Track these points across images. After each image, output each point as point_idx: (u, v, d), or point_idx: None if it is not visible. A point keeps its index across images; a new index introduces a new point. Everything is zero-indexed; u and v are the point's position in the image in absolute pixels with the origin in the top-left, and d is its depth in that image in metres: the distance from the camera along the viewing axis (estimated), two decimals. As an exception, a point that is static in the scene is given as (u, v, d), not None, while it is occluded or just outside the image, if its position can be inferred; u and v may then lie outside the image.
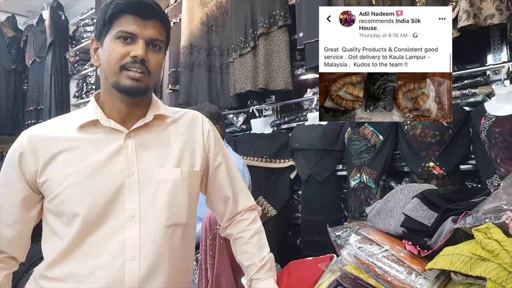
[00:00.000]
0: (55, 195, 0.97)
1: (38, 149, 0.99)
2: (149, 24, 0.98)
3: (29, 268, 2.12)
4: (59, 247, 0.97)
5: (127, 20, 0.96)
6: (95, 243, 0.96)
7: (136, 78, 0.97)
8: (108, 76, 1.00)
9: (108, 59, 0.97)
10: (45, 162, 0.98)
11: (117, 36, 0.97)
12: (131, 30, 0.96)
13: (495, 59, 2.07)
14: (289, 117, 2.80)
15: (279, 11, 2.60)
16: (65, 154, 0.99)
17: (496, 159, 1.75)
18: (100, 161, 0.99)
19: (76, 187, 0.97)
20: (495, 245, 0.93)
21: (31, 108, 4.74)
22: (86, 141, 1.01)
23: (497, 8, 1.83)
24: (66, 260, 0.96)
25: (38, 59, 4.72)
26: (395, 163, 2.20)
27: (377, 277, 1.15)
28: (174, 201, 1.04)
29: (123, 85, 0.98)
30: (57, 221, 0.99)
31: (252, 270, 1.17)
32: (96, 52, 1.04)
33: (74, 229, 0.95)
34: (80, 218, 0.95)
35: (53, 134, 1.01)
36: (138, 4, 0.97)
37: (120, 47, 0.96)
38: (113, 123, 1.02)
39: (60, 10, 4.68)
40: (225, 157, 1.21)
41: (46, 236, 1.02)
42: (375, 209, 1.32)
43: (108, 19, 0.97)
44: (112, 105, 1.04)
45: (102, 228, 0.97)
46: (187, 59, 2.98)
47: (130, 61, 0.96)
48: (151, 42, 0.99)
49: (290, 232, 2.74)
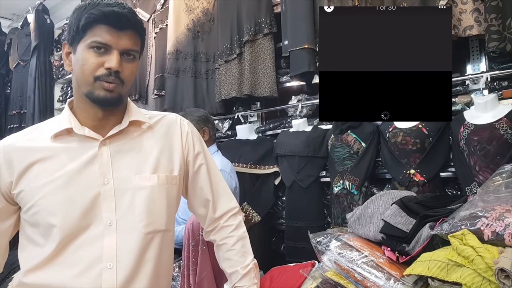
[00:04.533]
0: (30, 206, 0.96)
1: (13, 159, 0.98)
2: (123, 34, 0.97)
3: (8, 275, 2.08)
4: (38, 257, 0.96)
5: (101, 30, 0.95)
6: (72, 252, 0.95)
7: (110, 89, 0.96)
8: (81, 85, 0.98)
9: (82, 68, 0.96)
10: (20, 173, 0.97)
11: (90, 45, 0.95)
12: (105, 41, 0.95)
13: (474, 69, 2.12)
14: (274, 124, 2.82)
15: (264, 19, 2.62)
16: (40, 164, 0.98)
17: (475, 167, 1.79)
18: (75, 170, 0.98)
19: (51, 198, 0.96)
20: (470, 251, 0.96)
21: (14, 112, 4.64)
22: (61, 150, 1.00)
23: (476, 20, 1.88)
24: (44, 268, 0.95)
25: (22, 63, 4.65)
26: (377, 170, 2.23)
27: (357, 283, 1.16)
28: (152, 208, 1.03)
29: (97, 95, 0.97)
30: (34, 231, 0.98)
31: (235, 277, 1.16)
32: (68, 57, 1.02)
33: (52, 239, 0.95)
34: (56, 228, 0.94)
35: (28, 144, 1.00)
36: (113, 15, 0.95)
37: (94, 58, 0.95)
38: (87, 130, 1.01)
39: (46, 13, 4.62)
40: (206, 158, 1.20)
41: (23, 246, 1.01)
42: (355, 215, 1.33)
43: (81, 27, 0.95)
44: (86, 113, 1.02)
45: (79, 237, 0.96)
46: (173, 65, 2.97)
47: (105, 73, 0.95)
48: (125, 53, 0.98)
49: (274, 238, 2.74)
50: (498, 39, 1.80)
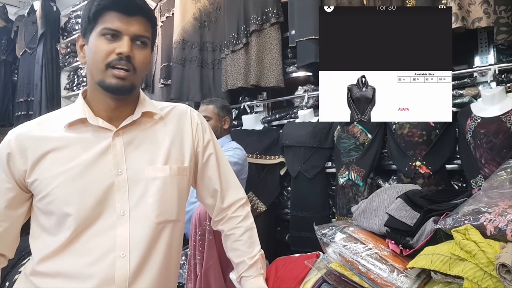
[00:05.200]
0: (45, 195, 0.98)
1: (27, 148, 0.99)
2: (133, 20, 0.97)
3: (18, 261, 2.12)
4: (52, 245, 0.97)
5: (111, 17, 0.96)
6: (86, 241, 0.97)
7: (121, 76, 0.97)
8: (93, 74, 0.99)
9: (93, 56, 0.97)
10: (34, 162, 0.98)
11: (101, 33, 0.96)
12: (115, 27, 0.96)
13: (482, 61, 2.10)
14: (280, 114, 2.82)
15: (271, 8, 2.60)
16: (54, 153, 0.99)
17: (481, 160, 1.79)
18: (89, 160, 1.00)
19: (65, 187, 0.97)
20: (472, 246, 0.97)
21: (21, 100, 4.67)
22: (74, 140, 1.01)
23: (485, 12, 1.86)
24: (58, 257, 0.97)
25: (29, 50, 4.66)
26: (383, 161, 2.23)
27: (361, 274, 1.18)
28: (164, 199, 1.05)
29: (109, 83, 0.97)
30: (48, 220, 0.99)
31: (242, 267, 1.18)
32: (82, 49, 1.03)
33: (67, 228, 0.96)
34: (71, 218, 0.96)
35: (41, 133, 1.01)
36: (122, 1, 0.96)
37: (105, 45, 0.96)
38: (101, 121, 1.02)
39: (52, 1, 4.62)
40: (215, 148, 1.20)
41: (36, 233, 1.03)
42: (360, 209, 1.35)
43: (92, 16, 0.96)
44: (99, 103, 1.03)
45: (93, 227, 0.98)
46: (179, 54, 2.97)
47: (116, 59, 0.96)
48: (136, 39, 0.99)
49: (279, 227, 2.77)
50: (507, 31, 1.79)
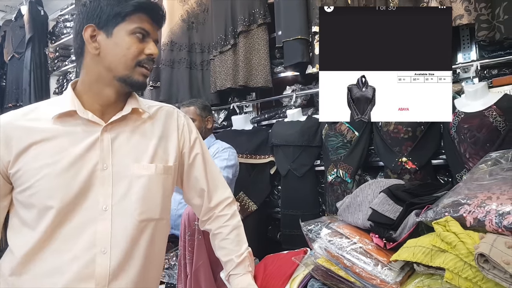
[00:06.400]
0: (27, 187, 0.96)
1: (12, 138, 0.97)
2: (155, 28, 1.07)
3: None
4: (32, 240, 0.96)
5: (141, 18, 1.01)
6: (66, 236, 0.97)
7: (147, 75, 1.04)
8: (115, 68, 1.01)
9: (124, 52, 1.00)
10: (18, 152, 0.97)
11: (134, 31, 1.01)
12: (148, 28, 1.03)
13: (464, 58, 2.14)
14: (269, 114, 2.84)
15: (258, 9, 2.62)
16: (40, 145, 0.98)
17: (465, 154, 1.82)
18: (75, 154, 0.99)
19: (49, 180, 0.96)
20: (452, 237, 0.99)
21: (10, 105, 4.64)
22: (62, 132, 1.00)
23: (466, 9, 1.89)
24: (39, 253, 0.96)
25: (17, 55, 4.63)
26: (370, 158, 2.26)
27: (346, 269, 1.20)
28: (148, 197, 1.05)
29: (136, 80, 1.03)
30: (28, 212, 0.98)
31: (230, 265, 1.20)
32: (93, 40, 1.01)
33: (46, 221, 0.95)
34: (53, 210, 0.95)
35: (28, 124, 0.99)
36: (156, 9, 1.05)
37: (137, 43, 1.01)
38: (90, 115, 1.02)
39: (39, 5, 4.60)
40: (201, 148, 1.22)
41: (15, 227, 1.01)
42: (344, 204, 1.37)
43: (124, 13, 1.00)
44: (97, 96, 1.04)
45: (73, 221, 0.97)
46: (167, 56, 2.98)
47: (146, 58, 1.03)
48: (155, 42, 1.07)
49: (270, 226, 2.79)
50: (488, 28, 1.82)
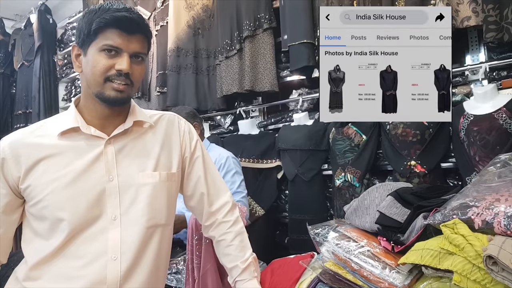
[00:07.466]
0: (38, 201, 1.00)
1: (21, 155, 1.01)
2: (133, 38, 1.02)
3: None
4: (45, 249, 1.00)
5: (112, 33, 0.99)
6: (79, 245, 1.01)
7: (120, 89, 1.01)
8: (91, 85, 1.03)
9: (92, 70, 1.01)
10: (28, 168, 1.01)
11: (102, 48, 1.00)
12: (117, 44, 1.00)
13: (473, 60, 2.12)
14: (275, 118, 2.84)
15: (264, 14, 2.63)
16: (47, 160, 1.02)
17: (475, 157, 1.80)
18: (81, 167, 1.03)
19: (58, 193, 1.00)
20: (461, 239, 0.98)
21: (20, 112, 4.71)
22: (67, 148, 1.04)
23: (473, 11, 1.88)
24: (52, 261, 1.00)
25: (26, 63, 4.70)
26: (379, 162, 2.24)
27: (354, 272, 1.19)
28: (154, 204, 1.08)
29: (108, 95, 1.02)
30: (41, 224, 1.02)
31: (236, 272, 1.20)
32: (78, 59, 1.06)
33: (60, 232, 0.99)
34: (65, 222, 0.99)
35: (35, 140, 1.04)
36: (124, 19, 1.00)
37: (105, 60, 1.00)
38: (93, 130, 1.05)
39: (48, 13, 4.67)
40: (202, 151, 1.24)
41: (28, 238, 1.05)
42: (352, 207, 1.36)
43: (93, 31, 0.99)
44: (93, 111, 1.07)
45: (86, 231, 1.01)
46: (174, 62, 3.00)
47: (115, 74, 1.00)
48: (135, 55, 1.03)
49: (278, 231, 2.77)
50: (496, 29, 1.80)
